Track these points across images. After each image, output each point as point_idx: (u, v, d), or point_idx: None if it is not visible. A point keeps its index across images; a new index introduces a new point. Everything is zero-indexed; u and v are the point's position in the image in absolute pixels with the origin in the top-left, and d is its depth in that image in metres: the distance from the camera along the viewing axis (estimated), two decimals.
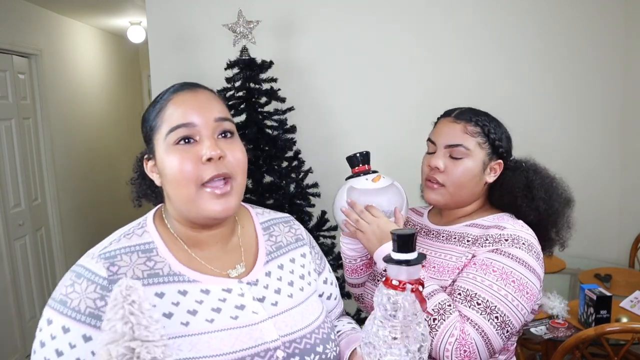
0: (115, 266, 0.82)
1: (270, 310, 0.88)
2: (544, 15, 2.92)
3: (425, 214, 1.34)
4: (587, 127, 2.99)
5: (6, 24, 3.31)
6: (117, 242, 0.86)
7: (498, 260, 1.08)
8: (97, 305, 0.78)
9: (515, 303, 1.04)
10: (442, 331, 1.01)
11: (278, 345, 0.85)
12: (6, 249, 3.14)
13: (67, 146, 4.11)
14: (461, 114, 1.20)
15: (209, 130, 0.83)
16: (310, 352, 0.87)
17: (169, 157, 0.83)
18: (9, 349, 3.11)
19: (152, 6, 3.03)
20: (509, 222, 1.15)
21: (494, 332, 1.02)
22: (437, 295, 1.06)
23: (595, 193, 2.98)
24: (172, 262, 0.86)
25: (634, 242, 2.75)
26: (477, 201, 1.23)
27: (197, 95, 0.86)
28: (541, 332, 1.84)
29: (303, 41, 2.98)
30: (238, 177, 0.86)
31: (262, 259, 0.94)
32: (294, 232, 1.03)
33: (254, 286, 0.90)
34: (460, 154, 1.16)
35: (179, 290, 0.83)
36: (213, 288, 0.86)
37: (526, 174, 1.19)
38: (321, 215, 2.62)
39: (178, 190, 0.84)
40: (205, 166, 0.82)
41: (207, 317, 0.82)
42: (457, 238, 1.19)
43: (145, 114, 0.90)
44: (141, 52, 5.72)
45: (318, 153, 2.95)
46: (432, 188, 1.19)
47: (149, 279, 0.83)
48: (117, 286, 0.63)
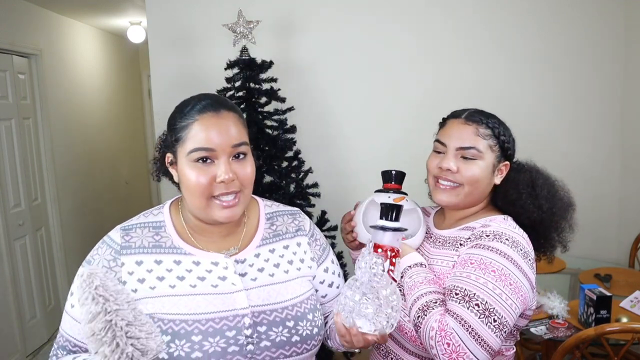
0: (129, 236, 1.03)
1: (248, 283, 1.02)
2: (544, 15, 2.92)
3: (432, 215, 1.34)
4: (587, 127, 2.99)
5: (6, 24, 3.31)
6: (137, 218, 1.07)
7: (476, 254, 1.08)
8: (110, 265, 0.99)
9: (497, 291, 1.02)
10: (424, 326, 1.02)
11: (246, 313, 0.99)
12: (6, 249, 3.14)
13: (67, 146, 4.11)
14: (472, 115, 1.19)
15: (225, 155, 0.97)
16: (279, 325, 1.00)
17: (188, 171, 0.98)
18: (9, 349, 3.11)
19: (152, 6, 3.03)
20: (496, 221, 1.15)
21: (476, 320, 0.99)
22: (428, 295, 1.06)
23: (595, 193, 2.99)
24: (174, 238, 1.04)
25: (634, 242, 2.75)
26: (481, 204, 1.23)
27: (220, 121, 0.98)
28: (541, 332, 1.84)
29: (303, 41, 2.98)
30: (246, 190, 1.01)
31: (255, 242, 1.08)
32: (297, 223, 1.15)
33: (240, 263, 1.04)
34: (472, 155, 1.16)
35: (175, 260, 1.01)
36: (203, 261, 1.02)
37: (530, 174, 1.21)
38: (321, 215, 2.61)
39: (192, 197, 0.99)
40: (218, 185, 0.97)
41: (192, 283, 1.00)
42: (451, 242, 1.19)
43: (172, 119, 1.02)
44: (141, 52, 5.72)
45: (318, 153, 2.95)
46: (444, 189, 1.19)
47: (153, 249, 1.02)
48: (79, 277, 0.76)
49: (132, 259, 1.00)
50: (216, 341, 0.95)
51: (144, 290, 0.98)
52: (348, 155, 3.06)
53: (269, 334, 0.99)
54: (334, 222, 2.62)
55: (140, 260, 1.00)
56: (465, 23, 2.94)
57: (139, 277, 0.99)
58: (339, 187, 2.91)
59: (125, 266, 0.99)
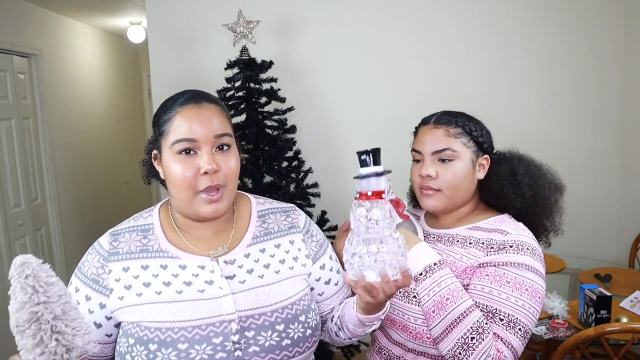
0: (117, 241, 1.02)
1: (235, 287, 0.99)
2: (544, 14, 2.92)
3: (422, 217, 1.35)
4: (587, 127, 2.99)
5: (6, 24, 3.31)
6: (127, 222, 1.06)
7: (510, 271, 1.09)
8: (98, 272, 0.99)
9: (532, 310, 1.07)
10: (480, 352, 1.03)
11: (233, 318, 0.96)
12: (6, 249, 3.14)
13: (67, 146, 4.11)
14: (439, 118, 1.21)
15: (208, 145, 0.96)
16: (267, 329, 0.97)
17: (172, 164, 0.97)
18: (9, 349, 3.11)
19: (152, 6, 3.03)
20: (511, 226, 1.16)
21: (519, 343, 1.05)
22: (474, 312, 1.06)
23: (595, 193, 2.99)
24: (162, 241, 1.02)
25: (634, 242, 2.74)
26: (471, 201, 1.24)
27: (201, 111, 0.98)
28: (541, 332, 1.84)
29: (303, 41, 2.98)
30: (229, 184, 0.99)
31: (245, 242, 1.06)
32: (290, 220, 1.12)
33: (229, 265, 1.02)
34: (448, 157, 1.17)
35: (161, 264, 1.00)
36: (190, 264, 1.00)
37: (510, 163, 1.22)
38: (321, 215, 2.61)
39: (178, 192, 0.98)
40: (202, 177, 0.96)
41: (178, 289, 0.97)
42: (460, 241, 1.19)
43: (156, 116, 1.03)
44: (141, 52, 5.72)
45: (318, 153, 2.95)
46: (428, 195, 1.20)
47: (140, 254, 1.01)
48: (13, 265, 0.72)
49: (120, 265, 0.99)
50: (203, 348, 0.92)
51: (130, 297, 0.97)
52: (348, 155, 3.06)
53: (257, 338, 0.96)
54: (334, 222, 2.62)
55: (127, 267, 0.99)
56: (465, 23, 2.94)
57: (126, 283, 0.97)
58: (339, 187, 2.91)
59: (113, 273, 0.98)
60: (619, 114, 2.96)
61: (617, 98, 2.95)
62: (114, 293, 0.97)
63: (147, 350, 0.92)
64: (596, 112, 2.97)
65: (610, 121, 2.97)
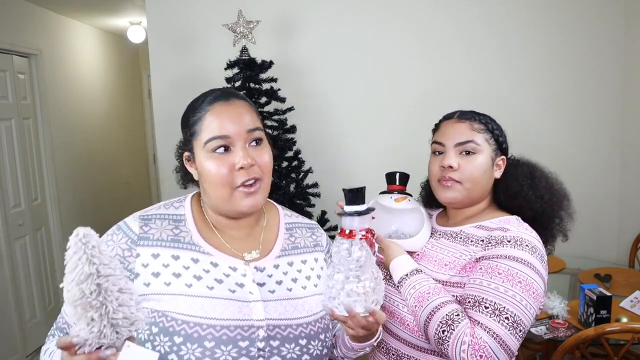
0: (148, 226, 0.99)
1: (266, 295, 0.99)
2: (544, 14, 2.92)
3: (434, 216, 1.36)
4: (587, 127, 2.99)
5: (6, 24, 3.31)
6: (157, 209, 1.04)
7: (503, 263, 1.09)
8: (124, 255, 0.96)
9: (524, 303, 1.05)
10: (453, 341, 1.02)
11: (262, 325, 0.95)
12: (6, 249, 3.14)
13: (67, 146, 4.11)
14: (463, 113, 1.24)
15: (241, 141, 0.97)
16: (291, 342, 0.97)
17: (207, 162, 0.97)
18: (9, 349, 3.11)
19: (152, 6, 3.03)
20: (514, 225, 1.16)
21: (506, 332, 1.02)
22: (446, 306, 1.06)
23: (595, 193, 2.98)
24: (194, 234, 1.01)
25: (634, 242, 2.74)
26: (485, 200, 1.25)
27: (231, 108, 0.99)
28: (541, 332, 1.84)
29: (303, 41, 2.98)
30: (265, 178, 1.00)
31: (275, 252, 1.06)
32: (315, 238, 1.14)
33: (259, 272, 1.01)
34: (472, 149, 1.19)
35: (192, 257, 0.98)
36: (222, 263, 0.99)
37: (527, 167, 1.25)
38: (321, 215, 2.62)
39: (215, 190, 0.98)
40: (238, 173, 0.96)
41: (209, 284, 0.96)
42: (462, 238, 1.20)
43: (184, 117, 1.03)
44: (141, 52, 5.71)
45: (318, 153, 2.95)
46: (447, 187, 1.20)
47: (171, 243, 0.99)
48: (75, 236, 0.72)
49: (149, 251, 0.96)
50: (228, 350, 0.91)
51: (158, 285, 0.94)
52: (348, 155, 3.06)
53: (280, 349, 0.95)
54: (334, 222, 2.63)
55: (157, 253, 0.96)
56: (465, 23, 2.94)
57: (154, 270, 0.95)
58: (339, 187, 2.91)
59: (141, 257, 0.95)
60: (619, 114, 2.96)
61: (617, 98, 2.95)
62: (139, 278, 0.94)
63: (171, 342, 0.91)
64: (596, 112, 2.97)
65: (610, 121, 2.97)
